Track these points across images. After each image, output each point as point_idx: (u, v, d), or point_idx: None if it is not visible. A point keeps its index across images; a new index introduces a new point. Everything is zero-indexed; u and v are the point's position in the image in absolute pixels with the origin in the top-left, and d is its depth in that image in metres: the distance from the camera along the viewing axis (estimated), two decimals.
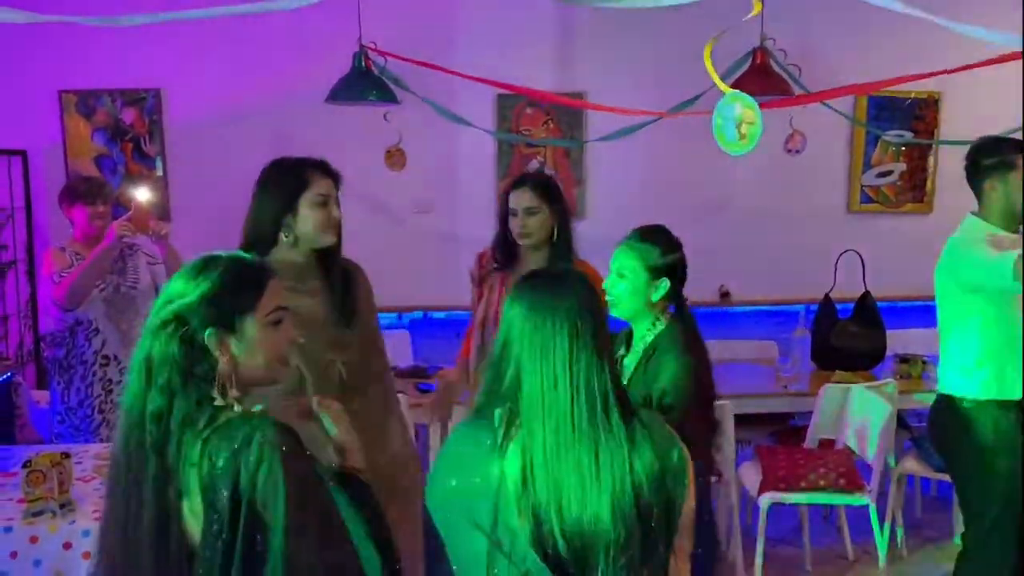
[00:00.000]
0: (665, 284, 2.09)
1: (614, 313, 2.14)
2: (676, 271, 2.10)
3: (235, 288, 1.40)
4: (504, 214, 2.76)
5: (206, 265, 1.41)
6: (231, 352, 1.38)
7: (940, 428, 2.87)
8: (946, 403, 2.80)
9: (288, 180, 2.14)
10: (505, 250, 2.78)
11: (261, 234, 2.13)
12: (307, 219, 2.13)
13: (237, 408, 1.37)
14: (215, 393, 1.35)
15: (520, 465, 1.44)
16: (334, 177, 2.21)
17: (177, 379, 1.33)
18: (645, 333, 2.13)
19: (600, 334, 1.50)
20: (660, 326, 2.11)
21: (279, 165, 2.19)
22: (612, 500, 1.42)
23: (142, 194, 3.31)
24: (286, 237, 2.14)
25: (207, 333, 1.35)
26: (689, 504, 1.52)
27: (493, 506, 1.45)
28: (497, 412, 1.49)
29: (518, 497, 1.44)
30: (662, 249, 2.11)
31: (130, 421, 1.35)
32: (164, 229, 3.33)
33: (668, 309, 2.15)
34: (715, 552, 1.62)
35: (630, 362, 2.14)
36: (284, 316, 1.45)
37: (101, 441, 3.30)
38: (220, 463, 1.28)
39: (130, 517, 1.33)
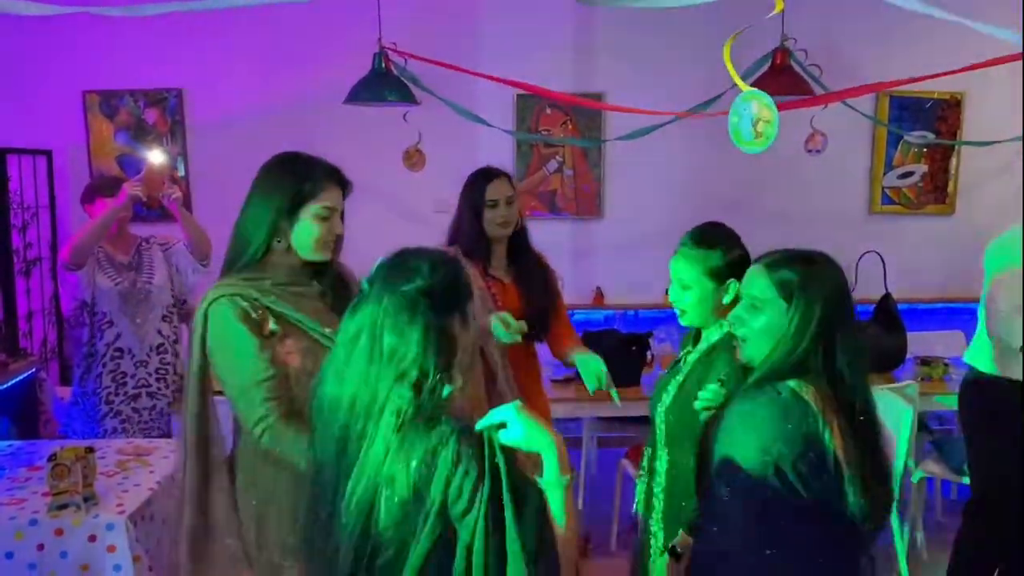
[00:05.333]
0: (734, 285, 1.98)
1: (683, 322, 2.10)
2: (743, 267, 1.89)
3: (460, 282, 1.43)
4: (478, 207, 2.75)
5: (421, 260, 1.41)
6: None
7: None
8: None
9: (296, 182, 1.94)
10: (480, 243, 2.78)
11: (252, 236, 1.95)
12: (306, 231, 1.95)
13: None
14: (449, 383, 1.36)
15: (840, 437, 1.58)
16: (345, 187, 2.01)
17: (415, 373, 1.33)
18: (711, 333, 2.09)
19: None
20: (726, 326, 1.92)
21: (288, 162, 1.99)
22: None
23: (155, 156, 3.36)
24: (278, 243, 1.96)
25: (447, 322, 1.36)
26: None
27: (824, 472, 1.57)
28: (794, 384, 1.61)
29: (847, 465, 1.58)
30: (722, 250, 2.02)
31: (350, 409, 1.35)
32: (176, 192, 3.36)
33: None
34: None
35: (693, 358, 2.12)
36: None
37: (105, 431, 3.36)
38: (432, 457, 1.30)
39: (326, 503, 1.36)
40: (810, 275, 1.68)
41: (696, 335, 2.16)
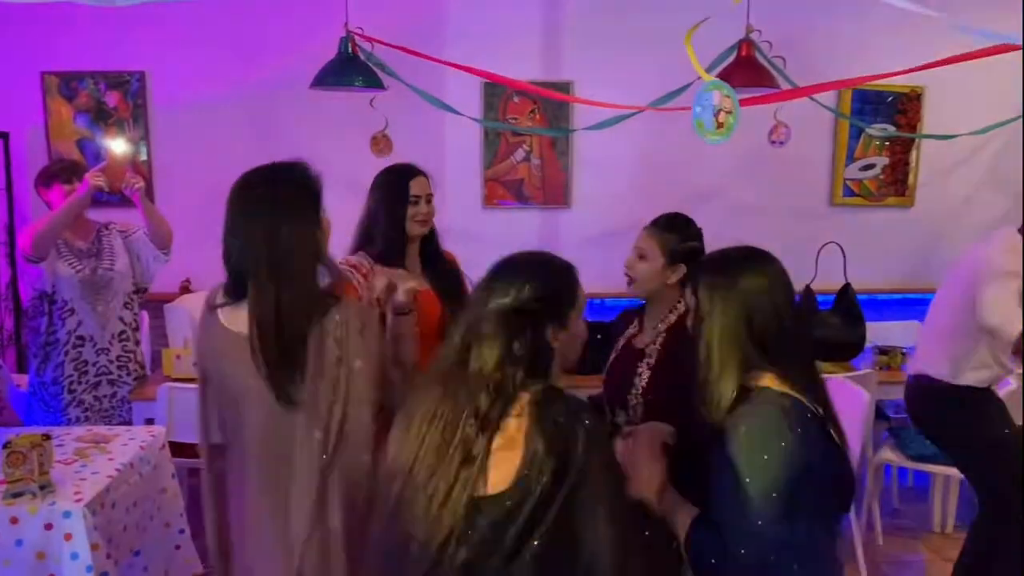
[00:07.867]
0: (682, 269, 2.23)
1: (634, 288, 2.31)
2: (694, 258, 2.20)
3: (570, 284, 1.57)
4: (399, 204, 2.56)
5: (530, 264, 1.56)
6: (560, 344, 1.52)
7: None
8: None
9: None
10: (399, 244, 2.55)
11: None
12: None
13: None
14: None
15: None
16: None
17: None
18: (667, 314, 2.25)
19: None
20: (681, 308, 2.19)
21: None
22: None
23: (117, 146, 3.32)
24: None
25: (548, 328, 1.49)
26: None
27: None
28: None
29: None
30: (680, 236, 2.27)
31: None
32: (138, 182, 3.31)
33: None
34: None
35: (650, 337, 2.26)
36: None
37: (68, 420, 3.31)
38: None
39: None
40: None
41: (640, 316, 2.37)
